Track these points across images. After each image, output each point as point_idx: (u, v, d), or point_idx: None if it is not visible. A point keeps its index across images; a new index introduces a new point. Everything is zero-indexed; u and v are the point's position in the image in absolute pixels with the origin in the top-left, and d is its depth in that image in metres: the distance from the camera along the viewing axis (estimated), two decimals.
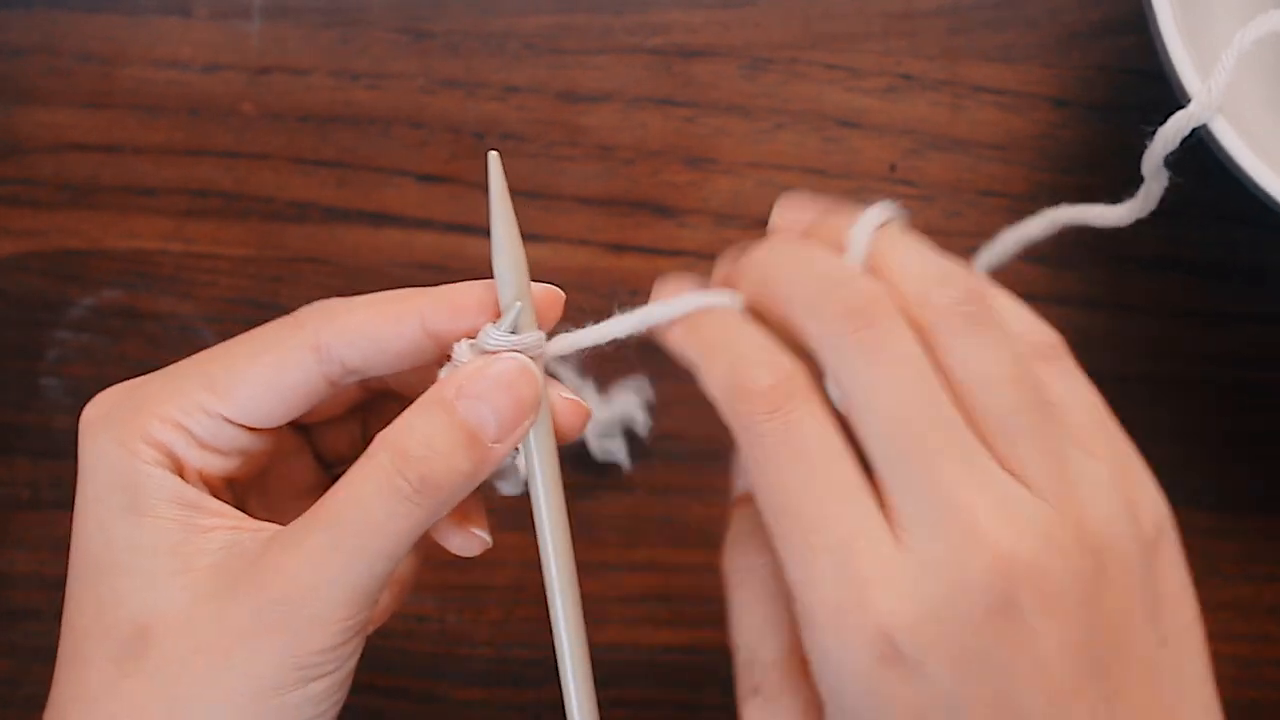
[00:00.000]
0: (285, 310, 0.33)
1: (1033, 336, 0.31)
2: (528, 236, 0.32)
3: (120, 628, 0.30)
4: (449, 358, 0.32)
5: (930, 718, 0.28)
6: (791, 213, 0.34)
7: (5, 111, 0.50)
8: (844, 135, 0.49)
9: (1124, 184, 0.40)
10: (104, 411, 0.32)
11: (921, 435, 0.28)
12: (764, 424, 0.29)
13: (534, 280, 0.32)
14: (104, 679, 0.30)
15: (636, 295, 0.48)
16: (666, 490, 0.48)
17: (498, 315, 0.32)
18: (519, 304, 0.31)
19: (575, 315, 0.48)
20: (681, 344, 0.32)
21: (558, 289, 0.33)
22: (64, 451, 0.48)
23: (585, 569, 0.43)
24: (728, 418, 0.30)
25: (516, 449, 0.32)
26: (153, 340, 0.48)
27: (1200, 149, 0.39)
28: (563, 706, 0.32)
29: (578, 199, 0.49)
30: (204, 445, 0.32)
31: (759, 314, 0.32)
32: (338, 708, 0.31)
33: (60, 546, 0.32)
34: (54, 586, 0.31)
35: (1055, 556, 0.28)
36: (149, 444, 0.31)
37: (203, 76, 0.49)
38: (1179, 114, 0.38)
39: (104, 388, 0.33)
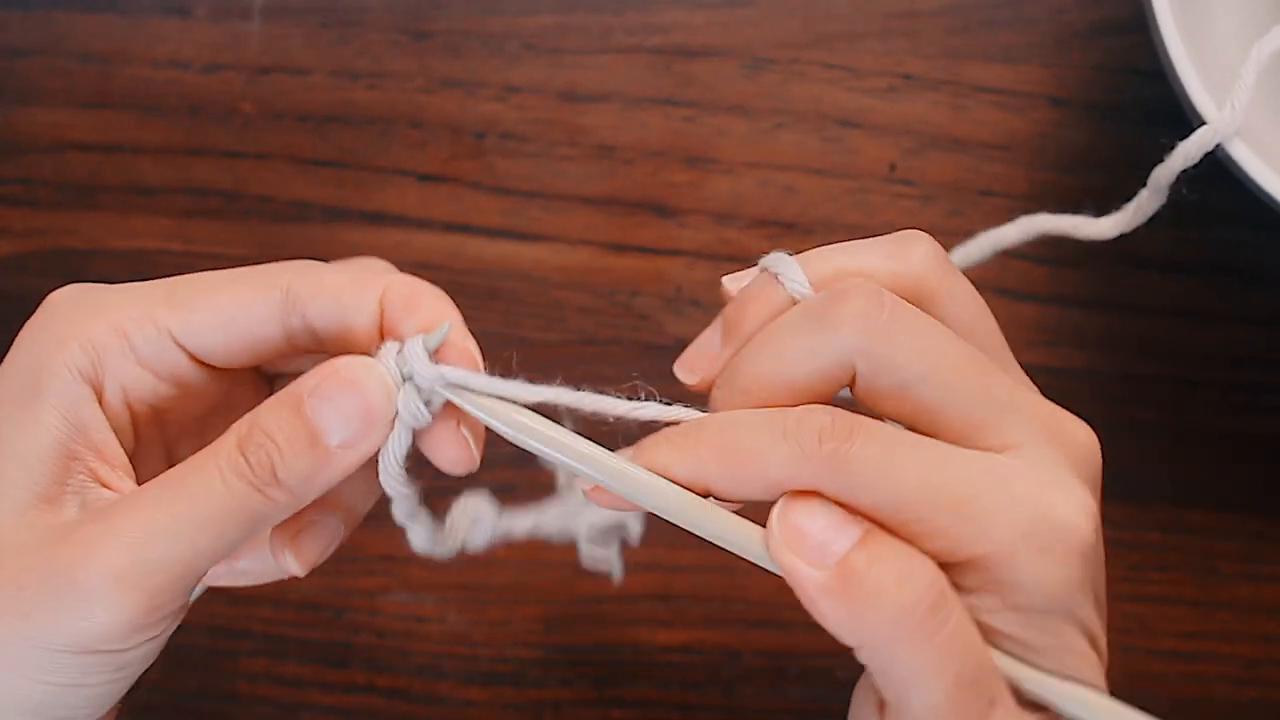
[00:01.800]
0: None
1: None
2: (529, 236, 0.32)
3: None
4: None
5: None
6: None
7: (5, 111, 0.50)
8: (844, 135, 0.49)
9: (1124, 183, 0.40)
10: (62, 300, 0.32)
11: (983, 369, 0.30)
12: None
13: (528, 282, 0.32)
14: None
15: (638, 295, 0.48)
16: None
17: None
18: (421, 339, 0.30)
19: (576, 315, 0.49)
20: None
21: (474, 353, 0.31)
22: None
23: (586, 570, 0.43)
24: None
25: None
26: None
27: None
28: (562, 705, 0.32)
29: (578, 199, 0.49)
30: (141, 362, 0.31)
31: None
32: (133, 677, 0.30)
33: None
34: None
35: None
36: (82, 347, 0.31)
37: (203, 76, 0.49)
38: (1201, 130, 0.38)
39: None
